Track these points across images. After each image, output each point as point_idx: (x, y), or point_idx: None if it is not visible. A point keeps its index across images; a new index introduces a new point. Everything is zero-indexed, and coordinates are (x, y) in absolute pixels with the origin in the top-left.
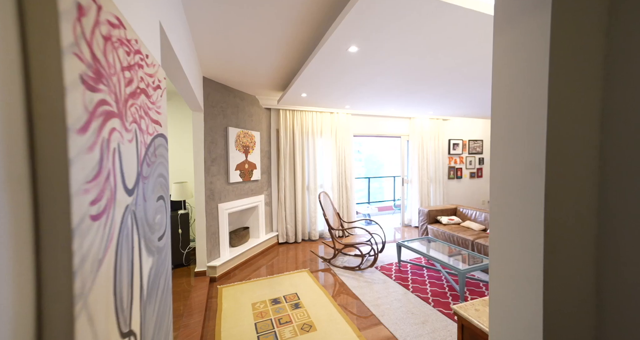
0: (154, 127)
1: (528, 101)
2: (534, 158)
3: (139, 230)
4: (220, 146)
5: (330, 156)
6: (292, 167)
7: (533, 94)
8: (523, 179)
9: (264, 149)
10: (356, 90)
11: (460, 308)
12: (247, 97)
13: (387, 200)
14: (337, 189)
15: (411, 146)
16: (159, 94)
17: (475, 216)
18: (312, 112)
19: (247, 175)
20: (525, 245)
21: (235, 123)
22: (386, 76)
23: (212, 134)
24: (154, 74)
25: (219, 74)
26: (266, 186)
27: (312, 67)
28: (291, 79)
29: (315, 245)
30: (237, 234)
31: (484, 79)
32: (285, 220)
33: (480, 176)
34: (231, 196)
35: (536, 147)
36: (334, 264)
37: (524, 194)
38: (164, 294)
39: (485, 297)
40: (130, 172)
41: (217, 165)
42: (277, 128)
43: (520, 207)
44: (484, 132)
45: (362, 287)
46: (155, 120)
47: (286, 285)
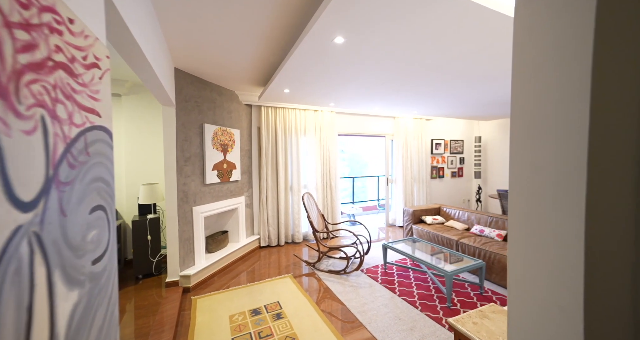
0: (84, 116)
1: (563, 88)
2: (572, 161)
3: (48, 258)
4: (195, 144)
5: (314, 155)
6: (275, 166)
7: (571, 77)
8: (556, 188)
9: (244, 147)
10: (341, 87)
11: (457, 321)
12: (226, 92)
13: (371, 200)
14: (321, 190)
15: (395, 146)
16: (96, 75)
17: (459, 215)
18: (295, 109)
19: (226, 175)
20: (558, 269)
21: (212, 119)
22: (372, 72)
23: (185, 131)
24: (87, 48)
25: (193, 66)
26: (247, 187)
27: (295, 60)
28: (272, 74)
29: (299, 248)
30: (215, 238)
31: (468, 77)
32: (267, 223)
33: (461, 175)
34: (208, 198)
35: (575, 147)
36: (319, 268)
37: (558, 205)
38: (106, 332)
39: (481, 308)
40: (26, 177)
41: (192, 165)
42: (258, 126)
43: (554, 220)
44: (464, 132)
45: (347, 292)
46: (88, 107)
47: (268, 293)
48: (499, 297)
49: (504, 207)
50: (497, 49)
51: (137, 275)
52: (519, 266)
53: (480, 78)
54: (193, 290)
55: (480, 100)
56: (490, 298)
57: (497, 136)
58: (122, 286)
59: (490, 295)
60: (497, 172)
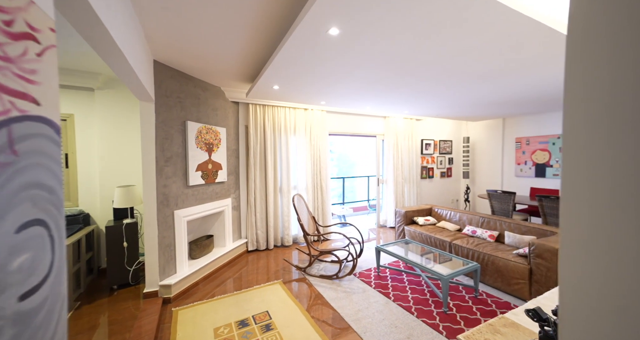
0: (7, 101)
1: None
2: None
3: None
4: (176, 143)
5: (305, 155)
6: (263, 167)
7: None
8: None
9: (231, 147)
10: (334, 84)
11: (467, 338)
12: (211, 88)
13: (360, 201)
14: (311, 190)
15: (386, 146)
16: (31, 51)
17: (450, 216)
18: (285, 107)
19: (211, 176)
20: (617, 269)
21: (195, 117)
22: (367, 69)
23: (166, 129)
24: (12, 10)
25: (174, 59)
26: (234, 188)
27: (286, 53)
28: (261, 69)
29: (289, 252)
30: (199, 243)
31: (464, 76)
32: (255, 226)
33: (449, 176)
34: (191, 201)
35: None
36: (310, 272)
37: (615, 203)
38: None
39: (491, 321)
40: None
41: (173, 165)
42: (246, 124)
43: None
44: (453, 132)
45: (340, 298)
46: (15, 90)
47: (256, 301)
48: (494, 300)
49: (494, 207)
50: (498, 45)
51: (112, 285)
52: (574, 267)
53: (476, 77)
54: (174, 301)
55: (474, 100)
56: (485, 301)
57: (485, 137)
58: (94, 298)
59: (485, 298)
60: (485, 173)
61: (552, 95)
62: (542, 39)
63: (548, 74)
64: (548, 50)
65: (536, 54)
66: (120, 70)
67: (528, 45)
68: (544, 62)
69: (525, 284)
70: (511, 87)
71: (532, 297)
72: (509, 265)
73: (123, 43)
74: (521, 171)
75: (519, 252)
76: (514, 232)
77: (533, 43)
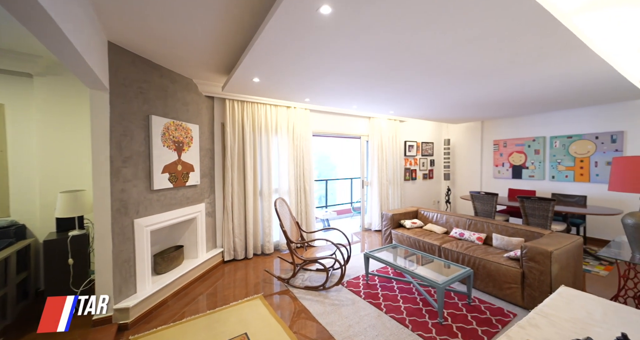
0: None
1: None
2: None
3: None
4: (137, 141)
5: (287, 156)
6: (242, 168)
7: None
8: None
9: (205, 146)
10: (320, 78)
11: None
12: (181, 80)
13: (343, 203)
14: (294, 194)
15: (371, 147)
16: None
17: (437, 218)
18: (266, 104)
19: (181, 179)
20: None
21: (162, 111)
22: (357, 60)
23: (124, 124)
24: None
25: (134, 41)
26: (208, 192)
27: (269, 35)
28: (239, 57)
29: (270, 261)
30: (166, 256)
31: (456, 73)
32: (232, 233)
33: (431, 177)
34: (156, 207)
35: None
36: (294, 284)
37: None
38: None
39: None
40: None
41: (134, 166)
42: (222, 122)
43: None
44: (434, 134)
45: (328, 312)
46: None
47: (233, 322)
48: (487, 307)
49: (477, 208)
50: (500, 37)
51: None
52: None
53: (469, 74)
54: (133, 327)
55: (458, 100)
56: (479, 308)
57: (465, 139)
58: (26, 330)
59: (479, 304)
60: (465, 174)
61: (529, 99)
62: (537, 33)
63: (530, 77)
64: (539, 50)
65: (533, 48)
66: (60, 52)
67: (524, 38)
68: (533, 61)
69: (517, 289)
70: (496, 88)
71: (524, 301)
72: (501, 269)
73: (62, 17)
74: (499, 173)
75: (510, 255)
76: (502, 234)
77: (529, 36)
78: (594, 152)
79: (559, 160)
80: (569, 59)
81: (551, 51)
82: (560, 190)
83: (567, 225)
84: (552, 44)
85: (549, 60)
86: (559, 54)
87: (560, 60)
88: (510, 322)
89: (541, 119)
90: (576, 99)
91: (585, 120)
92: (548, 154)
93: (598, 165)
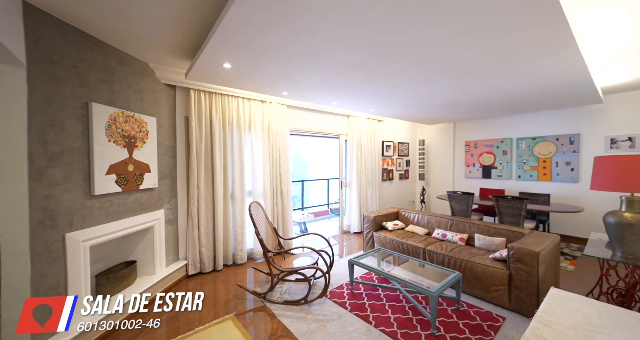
0: None
1: None
2: None
3: None
4: (71, 133)
5: (262, 155)
6: (210, 169)
7: None
8: None
9: (164, 143)
10: (301, 66)
11: None
12: (133, 63)
13: (320, 205)
14: (270, 196)
15: (349, 147)
16: None
17: (418, 219)
18: (238, 97)
19: (133, 181)
20: None
21: (107, 98)
22: (342, 48)
23: (51, 111)
24: None
25: (66, 6)
26: (169, 197)
27: (242, 4)
28: (206, 36)
29: (243, 272)
30: (112, 276)
31: (443, 69)
32: (198, 243)
33: (407, 177)
34: (98, 217)
35: None
36: (271, 298)
37: None
38: None
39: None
40: None
41: (65, 165)
42: (186, 115)
43: None
44: (409, 135)
45: (312, 331)
46: None
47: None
48: (476, 311)
49: (454, 208)
50: (493, 30)
51: None
52: None
53: (454, 71)
54: None
55: (439, 99)
56: (468, 313)
57: (438, 140)
58: None
59: (467, 309)
60: (439, 174)
61: (500, 101)
62: (535, 28)
63: (511, 77)
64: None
65: (524, 46)
66: None
67: (515, 35)
68: (519, 60)
69: (504, 291)
70: (479, 87)
71: (511, 304)
72: (488, 271)
73: None
74: (470, 173)
75: (495, 257)
76: (483, 234)
77: (528, 32)
78: (555, 153)
79: (524, 161)
80: (555, 58)
81: (543, 50)
82: (526, 189)
83: (537, 222)
84: (546, 41)
85: (535, 59)
86: (547, 54)
87: (546, 60)
88: (500, 328)
89: (508, 121)
90: (542, 102)
91: (547, 123)
92: (515, 155)
93: (559, 165)
